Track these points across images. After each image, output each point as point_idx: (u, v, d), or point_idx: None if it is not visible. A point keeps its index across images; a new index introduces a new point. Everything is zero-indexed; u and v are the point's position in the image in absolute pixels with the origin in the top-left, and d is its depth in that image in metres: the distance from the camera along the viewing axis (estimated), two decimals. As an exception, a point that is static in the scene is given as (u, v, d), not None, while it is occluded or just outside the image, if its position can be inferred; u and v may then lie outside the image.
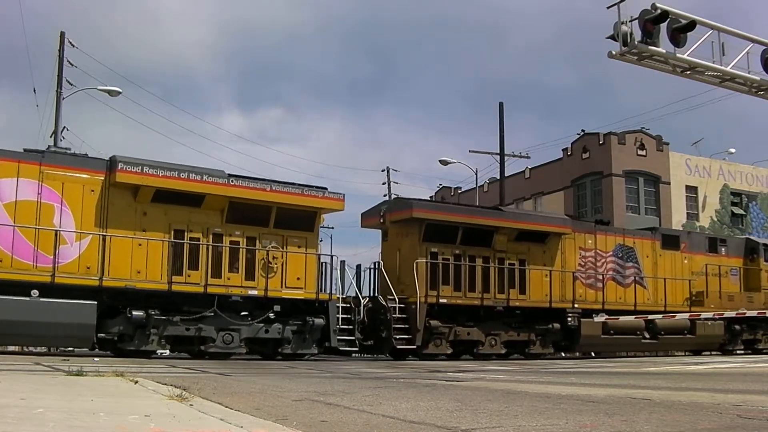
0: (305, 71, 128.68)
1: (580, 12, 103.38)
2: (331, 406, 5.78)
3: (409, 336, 18.60)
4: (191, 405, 5.37)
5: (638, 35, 13.81)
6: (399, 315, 18.69)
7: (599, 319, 20.80)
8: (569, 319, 20.72)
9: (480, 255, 20.11)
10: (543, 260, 21.13)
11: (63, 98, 26.74)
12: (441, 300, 19.14)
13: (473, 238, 20.04)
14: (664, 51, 14.16)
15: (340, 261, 18.82)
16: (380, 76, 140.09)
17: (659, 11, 13.68)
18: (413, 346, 18.61)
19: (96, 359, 13.17)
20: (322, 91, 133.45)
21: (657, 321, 21.54)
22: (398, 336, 18.49)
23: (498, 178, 34.38)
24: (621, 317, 21.03)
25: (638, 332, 21.88)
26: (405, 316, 18.74)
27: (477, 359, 19.22)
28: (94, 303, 14.73)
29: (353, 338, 17.89)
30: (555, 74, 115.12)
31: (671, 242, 24.04)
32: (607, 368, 14.48)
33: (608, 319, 20.88)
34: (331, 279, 18.00)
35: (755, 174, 46.73)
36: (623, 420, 4.85)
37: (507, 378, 10.60)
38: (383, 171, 48.83)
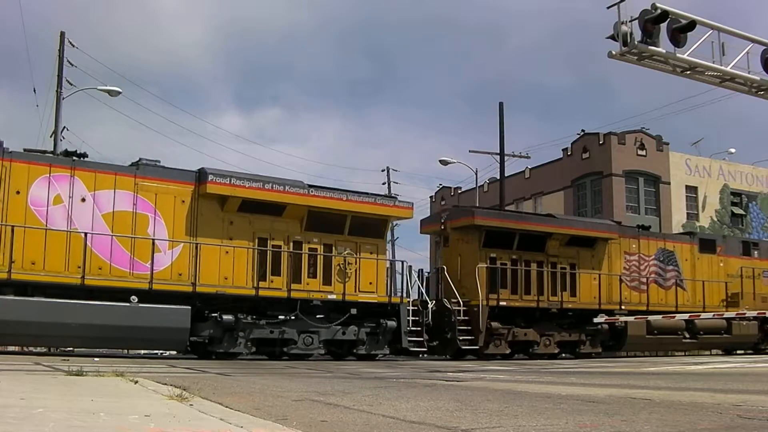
0: (304, 71, 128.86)
1: (580, 12, 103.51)
2: (331, 406, 5.78)
3: (472, 337, 19.60)
4: (191, 405, 5.37)
5: (638, 35, 13.79)
6: (462, 317, 19.59)
7: (599, 320, 21.35)
8: (617, 322, 21.57)
9: (534, 260, 21.25)
10: (591, 264, 22.23)
11: (63, 98, 26.75)
12: (501, 303, 20.18)
13: (528, 244, 21.17)
14: (664, 51, 14.14)
15: (408, 266, 19.80)
16: (379, 76, 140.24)
17: (659, 11, 13.66)
18: (476, 347, 19.61)
19: (96, 359, 13.18)
20: (322, 91, 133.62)
21: (696, 321, 22.40)
22: (461, 337, 19.43)
23: (498, 178, 34.35)
24: (621, 317, 21.53)
25: (679, 332, 22.82)
26: (467, 318, 19.68)
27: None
28: (188, 308, 15.38)
29: (422, 339, 18.65)
30: (555, 74, 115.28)
31: (708, 246, 25.26)
32: (607, 368, 14.49)
33: (608, 320, 21.39)
34: (402, 283, 19.13)
35: (755, 174, 46.73)
36: (623, 420, 4.85)
37: (507, 378, 10.61)
38: (383, 171, 49.00)
